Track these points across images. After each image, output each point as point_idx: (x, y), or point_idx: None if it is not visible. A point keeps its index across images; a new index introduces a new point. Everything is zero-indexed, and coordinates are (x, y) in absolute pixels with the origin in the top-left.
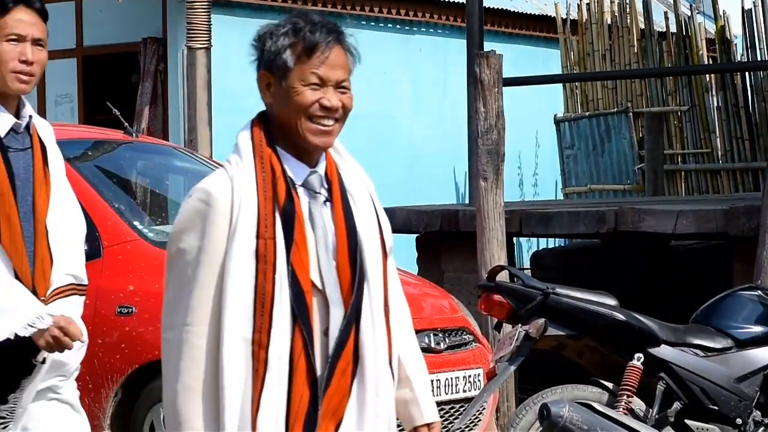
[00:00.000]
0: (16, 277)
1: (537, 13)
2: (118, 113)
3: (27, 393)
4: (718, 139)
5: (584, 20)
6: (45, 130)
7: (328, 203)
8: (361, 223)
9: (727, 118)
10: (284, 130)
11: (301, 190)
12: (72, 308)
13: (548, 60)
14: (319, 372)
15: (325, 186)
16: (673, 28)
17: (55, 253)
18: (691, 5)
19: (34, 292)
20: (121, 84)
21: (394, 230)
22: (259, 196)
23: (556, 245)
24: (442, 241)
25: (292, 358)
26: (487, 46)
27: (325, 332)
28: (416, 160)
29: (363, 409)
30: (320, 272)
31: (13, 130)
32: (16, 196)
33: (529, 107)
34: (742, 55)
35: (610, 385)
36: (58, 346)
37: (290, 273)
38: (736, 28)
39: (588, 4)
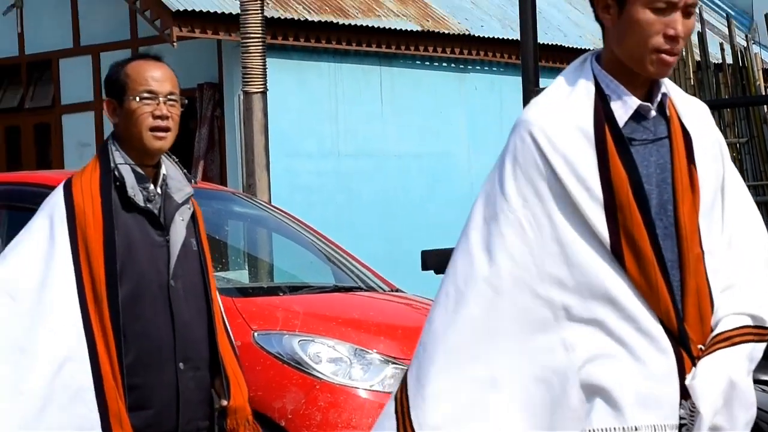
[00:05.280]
0: (659, 319)
1: (592, 48)
2: (175, 159)
3: None
4: None
5: None
6: (691, 110)
7: None
8: None
9: None
10: None
11: None
12: (730, 367)
13: None
14: None
15: None
16: (729, 60)
17: (715, 284)
18: (746, 36)
19: (684, 337)
20: (178, 130)
21: None
22: None
23: None
24: None
25: None
26: (543, 82)
27: None
28: (474, 198)
29: None
30: None
31: (638, 115)
32: (648, 205)
33: None
34: None
35: None
36: None
37: None
38: None
39: None
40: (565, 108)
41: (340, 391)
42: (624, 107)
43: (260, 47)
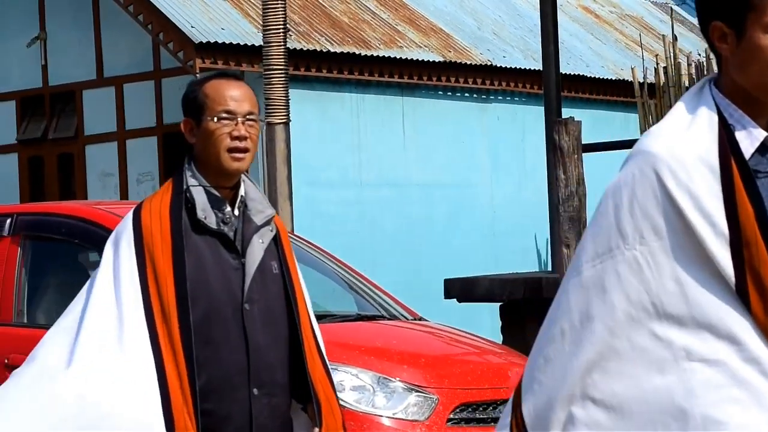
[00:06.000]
0: None
1: (614, 78)
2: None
3: None
4: None
5: (662, 83)
6: None
7: None
8: None
9: None
10: None
11: None
12: None
13: (627, 124)
14: None
15: None
16: None
17: None
18: None
19: None
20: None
21: (477, 299)
22: None
23: None
24: (526, 309)
25: None
26: (565, 112)
27: None
28: (496, 228)
29: None
30: None
31: (762, 146)
32: None
33: (609, 172)
34: None
35: None
36: None
37: None
38: None
39: (665, 68)
40: (687, 138)
41: (363, 419)
42: (749, 138)
43: (283, 78)
